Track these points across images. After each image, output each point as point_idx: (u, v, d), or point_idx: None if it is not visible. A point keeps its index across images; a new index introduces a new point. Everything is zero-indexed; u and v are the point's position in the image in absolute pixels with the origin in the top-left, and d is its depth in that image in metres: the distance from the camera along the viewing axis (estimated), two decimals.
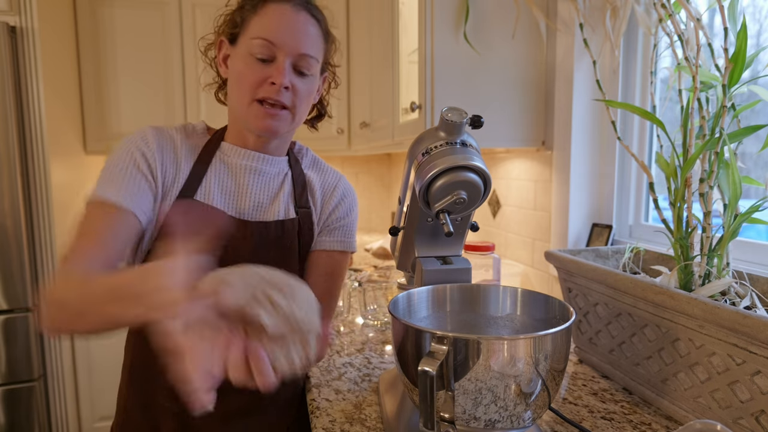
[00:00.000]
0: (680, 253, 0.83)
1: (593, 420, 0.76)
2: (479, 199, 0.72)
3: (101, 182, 0.76)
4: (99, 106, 2.46)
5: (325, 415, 0.79)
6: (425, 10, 1.29)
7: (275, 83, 0.77)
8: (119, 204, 0.74)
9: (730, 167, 0.77)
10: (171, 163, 0.82)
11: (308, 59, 0.80)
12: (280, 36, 0.77)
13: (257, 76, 0.78)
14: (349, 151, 2.54)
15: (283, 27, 0.77)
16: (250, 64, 0.78)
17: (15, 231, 2.00)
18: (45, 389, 2.16)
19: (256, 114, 0.79)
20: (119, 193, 0.75)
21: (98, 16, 2.42)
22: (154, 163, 0.79)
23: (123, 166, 0.77)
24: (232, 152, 0.86)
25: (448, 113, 0.71)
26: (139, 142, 0.80)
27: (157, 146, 0.80)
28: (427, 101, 1.32)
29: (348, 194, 0.95)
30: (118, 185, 0.75)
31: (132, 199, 0.76)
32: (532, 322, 0.72)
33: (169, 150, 0.82)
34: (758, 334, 0.58)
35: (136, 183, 0.77)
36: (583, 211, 1.35)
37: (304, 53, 0.79)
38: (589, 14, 1.23)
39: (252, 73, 0.78)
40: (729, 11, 0.79)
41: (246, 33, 0.79)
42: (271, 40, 0.77)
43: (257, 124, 0.80)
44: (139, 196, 0.77)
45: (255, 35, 0.77)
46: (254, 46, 0.77)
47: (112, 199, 0.74)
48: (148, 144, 0.80)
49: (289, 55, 0.78)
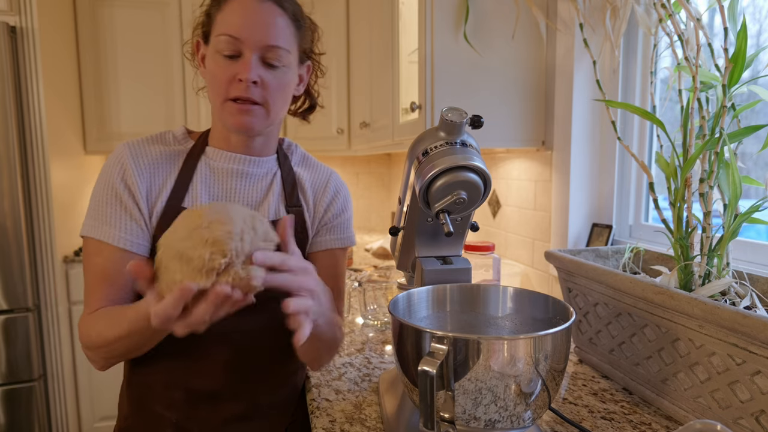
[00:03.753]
0: (680, 253, 0.83)
1: (593, 420, 0.76)
2: (479, 199, 0.72)
3: (92, 219, 0.79)
4: (99, 106, 2.46)
5: (325, 415, 0.79)
6: (425, 10, 1.29)
7: (242, 79, 0.75)
8: (115, 245, 0.77)
9: (730, 167, 0.77)
10: (153, 176, 0.81)
11: (277, 51, 0.77)
12: (244, 30, 0.75)
13: (226, 74, 0.76)
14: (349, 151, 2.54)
15: (246, 20, 0.75)
16: (219, 62, 0.77)
17: (15, 231, 2.00)
18: (45, 389, 2.16)
19: (230, 111, 0.78)
20: (113, 233, 0.77)
21: (98, 16, 2.42)
22: (134, 187, 0.79)
23: (107, 200, 0.79)
24: (217, 156, 0.84)
25: (448, 113, 0.71)
26: (116, 168, 0.79)
27: (134, 169, 0.80)
28: (427, 101, 1.32)
29: (341, 189, 0.94)
30: (108, 223, 0.78)
31: (125, 239, 0.78)
32: (532, 322, 0.72)
33: (148, 166, 0.81)
34: (758, 334, 0.58)
35: (123, 219, 0.78)
36: (583, 211, 1.35)
37: (271, 44, 0.76)
38: (589, 14, 1.23)
39: (221, 71, 0.76)
40: (729, 11, 0.79)
41: (213, 30, 0.78)
42: (235, 35, 0.75)
43: (232, 121, 0.78)
44: (130, 232, 0.78)
45: (220, 32, 0.76)
46: (220, 43, 0.76)
47: (107, 240, 0.77)
48: (124, 167, 0.79)
49: (254, 48, 0.76)
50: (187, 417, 0.83)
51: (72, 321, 2.26)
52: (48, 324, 2.14)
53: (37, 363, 2.10)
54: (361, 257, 2.23)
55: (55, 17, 2.20)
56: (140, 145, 0.82)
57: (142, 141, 0.83)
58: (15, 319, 2.04)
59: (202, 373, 0.82)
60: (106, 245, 0.78)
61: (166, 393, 0.83)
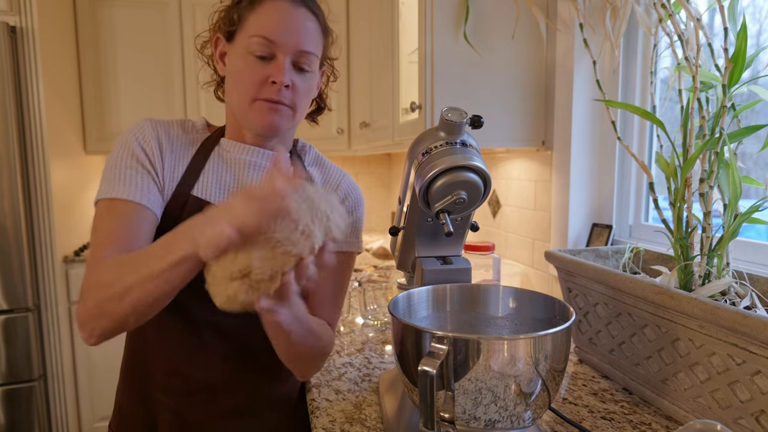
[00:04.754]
0: (680, 253, 0.83)
1: (593, 420, 0.76)
2: (479, 199, 0.72)
3: (106, 182, 0.76)
4: (99, 106, 2.46)
5: (325, 415, 0.79)
6: (425, 10, 1.29)
7: (276, 82, 0.76)
8: (131, 199, 0.73)
9: (730, 167, 0.77)
10: (168, 155, 0.81)
11: (308, 56, 0.79)
12: (280, 34, 0.76)
13: (257, 76, 0.76)
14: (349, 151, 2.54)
15: (282, 24, 0.76)
16: (250, 63, 0.77)
17: (15, 231, 2.00)
18: (45, 389, 2.16)
19: (260, 110, 0.78)
20: (127, 189, 0.74)
21: (98, 16, 2.42)
22: (153, 155, 0.78)
23: (125, 163, 0.76)
24: (231, 147, 0.84)
25: (448, 113, 0.71)
26: (137, 135, 0.79)
27: (153, 138, 0.79)
28: (427, 101, 1.32)
29: (352, 193, 0.93)
30: (123, 182, 0.75)
31: (142, 194, 0.75)
32: (532, 322, 0.72)
33: (166, 142, 0.81)
34: (758, 334, 0.58)
35: (141, 177, 0.76)
36: (583, 211, 1.35)
37: (304, 50, 0.78)
38: (589, 14, 1.23)
39: (252, 73, 0.76)
40: (729, 11, 0.79)
41: (244, 30, 0.78)
42: (271, 38, 0.75)
43: (260, 121, 0.78)
44: (148, 189, 0.76)
45: (253, 33, 0.76)
46: (253, 45, 0.76)
47: (122, 196, 0.73)
48: (145, 136, 0.79)
49: (288, 52, 0.77)
50: (186, 404, 0.83)
51: (72, 321, 2.26)
52: (48, 324, 2.13)
53: (37, 363, 2.10)
54: (361, 257, 2.23)
55: (55, 17, 2.20)
56: (162, 123, 0.83)
57: (162, 120, 0.83)
58: (15, 319, 2.04)
59: (200, 363, 0.82)
60: (120, 202, 0.74)
61: (165, 380, 0.83)
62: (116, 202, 0.74)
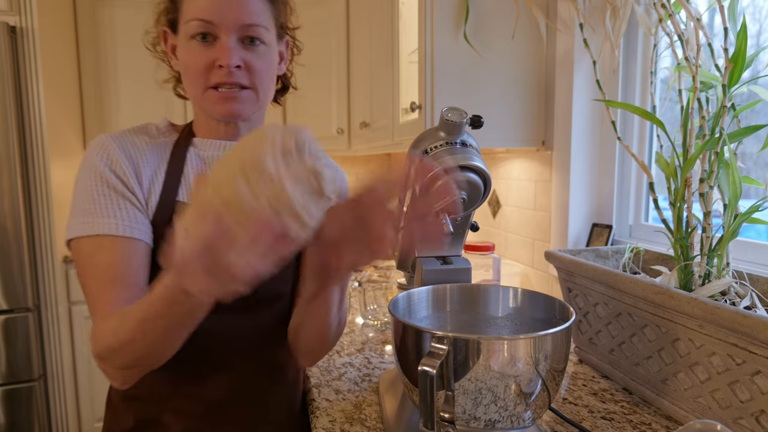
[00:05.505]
0: (680, 253, 0.83)
1: (593, 420, 0.76)
2: (479, 199, 0.72)
3: (82, 216, 0.68)
4: (99, 106, 2.46)
5: (325, 415, 0.78)
6: (425, 10, 1.29)
7: (222, 65, 0.70)
8: (119, 234, 0.67)
9: (730, 167, 0.77)
10: (143, 168, 0.74)
11: (255, 29, 0.72)
12: (215, 11, 0.69)
13: (202, 61, 0.71)
14: (349, 151, 2.54)
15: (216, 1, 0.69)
16: (193, 50, 0.71)
17: (15, 231, 2.00)
18: (45, 389, 2.16)
19: (212, 100, 0.72)
20: (110, 223, 0.68)
21: (98, 16, 2.42)
22: (126, 178, 0.72)
23: (98, 191, 0.69)
24: (206, 145, 0.80)
25: (448, 113, 0.71)
26: (103, 158, 0.72)
27: (123, 157, 0.73)
28: (427, 101, 1.31)
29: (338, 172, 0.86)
30: (103, 214, 0.68)
31: (128, 226, 0.69)
32: (532, 322, 0.72)
33: (137, 156, 0.74)
34: (758, 334, 0.58)
35: (120, 206, 0.70)
36: (583, 211, 1.35)
37: (247, 23, 0.71)
38: (589, 14, 1.23)
39: (196, 59, 0.71)
40: (729, 11, 0.79)
41: (182, 16, 0.72)
42: (207, 18, 0.69)
43: (218, 110, 0.73)
44: (132, 218, 0.70)
45: (189, 17, 0.70)
46: (191, 29, 0.70)
47: (107, 232, 0.67)
48: (112, 157, 0.72)
49: (230, 30, 0.70)
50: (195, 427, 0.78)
51: (72, 321, 2.26)
52: (48, 324, 2.13)
53: (37, 363, 2.10)
54: None
55: (55, 17, 2.20)
56: (124, 135, 0.76)
57: (124, 132, 0.78)
58: (15, 319, 2.04)
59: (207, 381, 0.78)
60: (105, 238, 0.67)
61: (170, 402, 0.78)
62: (102, 239, 0.67)
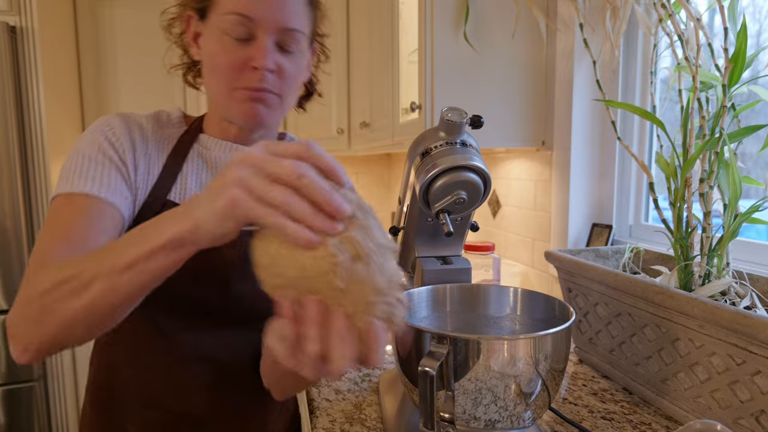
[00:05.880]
0: (680, 253, 0.83)
1: (593, 420, 0.76)
2: (479, 199, 0.72)
3: (66, 176, 0.64)
4: (99, 107, 2.46)
5: (325, 415, 0.78)
6: (425, 10, 1.29)
7: (257, 67, 0.65)
8: (94, 195, 0.62)
9: (730, 167, 0.77)
10: (142, 154, 0.70)
11: (294, 34, 0.67)
12: (259, 9, 0.64)
13: (235, 60, 0.66)
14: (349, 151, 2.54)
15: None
16: (226, 45, 0.66)
17: (15, 231, 2.00)
18: (45, 389, 2.16)
19: (241, 100, 0.67)
20: (89, 183, 0.63)
21: (98, 16, 2.42)
22: (123, 152, 0.67)
23: (90, 156, 0.65)
24: (213, 145, 0.74)
25: (448, 113, 0.71)
26: (105, 130, 0.68)
27: (125, 134, 0.69)
28: (427, 101, 1.31)
29: None
30: (85, 175, 0.63)
31: (107, 189, 0.63)
32: (532, 322, 0.72)
33: (139, 139, 0.70)
34: (758, 334, 0.58)
35: (107, 171, 0.65)
36: (583, 211, 1.35)
37: (288, 27, 0.66)
38: (589, 14, 1.23)
39: (227, 56, 0.66)
40: (729, 11, 0.79)
41: (217, 7, 0.66)
42: (248, 14, 0.64)
43: (242, 112, 0.68)
44: (114, 185, 0.65)
45: (228, 10, 0.65)
46: (228, 23, 0.65)
47: (81, 190, 0.62)
48: (115, 131, 0.68)
49: (270, 31, 0.65)
50: None
51: None
52: None
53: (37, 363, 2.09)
54: None
55: (55, 17, 2.20)
56: (132, 116, 0.72)
57: (134, 114, 0.73)
58: None
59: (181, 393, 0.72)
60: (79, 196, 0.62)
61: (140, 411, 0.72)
62: (74, 197, 0.62)
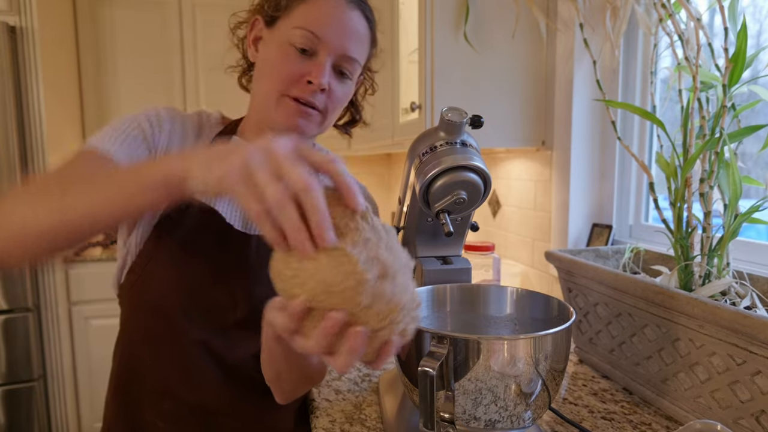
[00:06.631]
0: (680, 253, 0.83)
1: (593, 420, 0.76)
2: (479, 199, 0.72)
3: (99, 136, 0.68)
4: (99, 106, 2.46)
5: (325, 415, 0.78)
6: (425, 10, 1.29)
7: (313, 82, 0.69)
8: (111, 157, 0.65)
9: (730, 167, 0.77)
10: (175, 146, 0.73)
11: (352, 62, 0.73)
12: (328, 30, 0.69)
13: (293, 70, 0.70)
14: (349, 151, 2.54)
15: (332, 21, 0.69)
16: (288, 55, 0.70)
17: None
18: (45, 389, 2.16)
19: (287, 109, 0.71)
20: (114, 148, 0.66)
21: (98, 16, 2.42)
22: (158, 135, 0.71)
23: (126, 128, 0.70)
24: None
25: (448, 113, 0.70)
26: (150, 113, 0.73)
27: (166, 122, 0.73)
28: (427, 101, 1.31)
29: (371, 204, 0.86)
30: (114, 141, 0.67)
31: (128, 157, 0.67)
32: (532, 322, 0.72)
33: (179, 132, 0.74)
34: (758, 334, 0.58)
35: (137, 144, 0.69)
36: (583, 211, 1.35)
37: (349, 55, 0.72)
38: (589, 14, 1.23)
39: (288, 65, 0.70)
40: (729, 11, 0.79)
41: (289, 19, 0.71)
42: (318, 33, 0.69)
43: (285, 121, 0.71)
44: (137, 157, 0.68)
45: (300, 24, 0.69)
46: (296, 36, 0.69)
47: (103, 149, 0.65)
48: (159, 117, 0.73)
49: (333, 53, 0.70)
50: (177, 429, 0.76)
51: (72, 321, 2.26)
52: (48, 324, 2.13)
53: (37, 363, 2.09)
54: None
55: (55, 17, 2.20)
56: (179, 112, 0.77)
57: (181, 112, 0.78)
58: (15, 319, 2.04)
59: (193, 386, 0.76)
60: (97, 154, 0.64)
61: (156, 400, 0.76)
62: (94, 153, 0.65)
